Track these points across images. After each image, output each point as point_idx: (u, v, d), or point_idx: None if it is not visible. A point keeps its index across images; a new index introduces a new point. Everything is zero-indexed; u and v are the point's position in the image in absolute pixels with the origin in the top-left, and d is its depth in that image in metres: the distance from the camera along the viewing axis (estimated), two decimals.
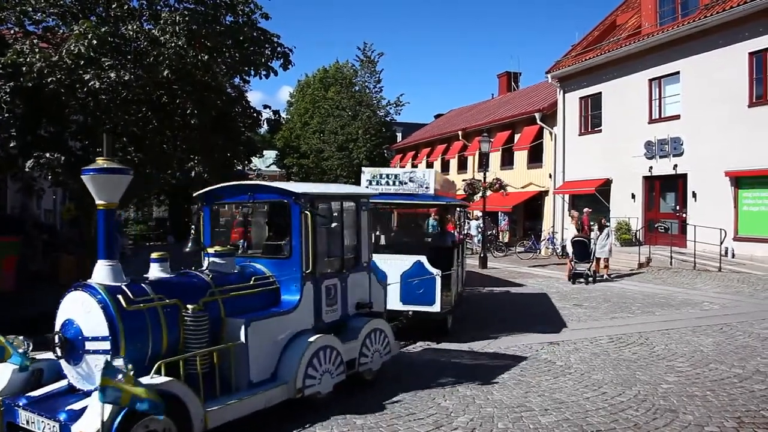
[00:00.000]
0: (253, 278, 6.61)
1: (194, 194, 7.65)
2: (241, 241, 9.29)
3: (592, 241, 17.87)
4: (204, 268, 6.74)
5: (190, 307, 5.76)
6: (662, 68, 22.02)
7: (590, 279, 17.30)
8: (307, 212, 6.56)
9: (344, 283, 7.32)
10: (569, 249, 18.23)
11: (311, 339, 6.45)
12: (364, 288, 7.69)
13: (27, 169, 11.84)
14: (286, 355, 6.34)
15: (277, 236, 7.47)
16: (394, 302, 9.38)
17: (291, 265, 6.71)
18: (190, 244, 6.97)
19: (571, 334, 10.51)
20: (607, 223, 19.34)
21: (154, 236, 36.81)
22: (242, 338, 5.93)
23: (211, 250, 6.76)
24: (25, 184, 14.88)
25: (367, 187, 10.43)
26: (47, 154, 11.38)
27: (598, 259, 18.14)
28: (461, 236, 14.14)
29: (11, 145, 11.26)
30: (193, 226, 7.31)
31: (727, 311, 12.58)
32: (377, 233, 17.04)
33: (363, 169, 11.02)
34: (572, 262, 17.78)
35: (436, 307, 9.78)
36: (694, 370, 8.10)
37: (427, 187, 10.41)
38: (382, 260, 9.00)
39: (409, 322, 9.24)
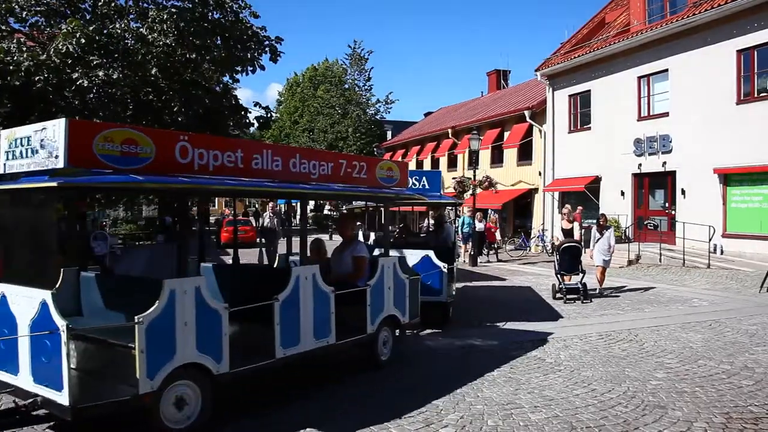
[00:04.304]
0: None
1: None
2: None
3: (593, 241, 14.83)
4: None
5: None
6: (651, 66, 22.13)
7: (584, 296, 13.64)
8: None
9: None
10: (555, 257, 14.52)
11: None
12: None
13: None
14: None
15: None
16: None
17: None
18: None
19: (561, 332, 10.52)
20: (608, 225, 15.32)
21: (144, 236, 36.57)
22: None
23: None
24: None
25: (5, 163, 5.88)
26: None
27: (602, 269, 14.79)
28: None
29: None
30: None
31: (716, 308, 12.64)
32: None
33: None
34: (559, 275, 14.09)
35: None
36: (683, 367, 8.13)
37: (57, 156, 5.18)
38: None
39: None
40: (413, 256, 10.59)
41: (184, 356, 5.48)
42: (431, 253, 10.70)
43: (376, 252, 10.14)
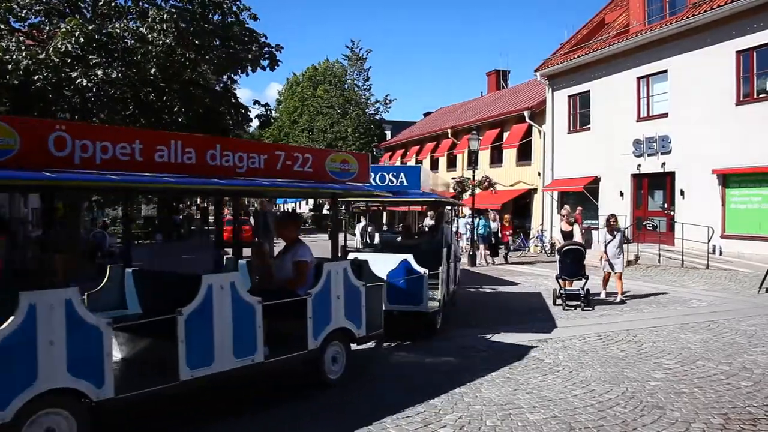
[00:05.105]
0: None
1: None
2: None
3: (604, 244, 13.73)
4: None
5: None
6: (650, 66, 22.13)
7: (585, 303, 12.68)
8: None
9: None
10: (557, 261, 13.39)
11: None
12: None
13: None
14: None
15: None
16: None
17: None
18: None
19: (560, 332, 10.52)
20: (619, 225, 14.44)
21: (142, 235, 36.62)
22: None
23: None
24: None
25: None
26: None
27: (608, 274, 13.86)
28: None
29: None
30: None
31: (715, 308, 12.64)
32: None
33: None
34: (560, 279, 13.09)
35: None
36: (681, 367, 8.13)
37: None
38: None
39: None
40: (390, 261, 9.66)
41: (50, 381, 4.63)
42: (410, 258, 9.75)
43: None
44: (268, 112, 15.76)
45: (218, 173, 6.07)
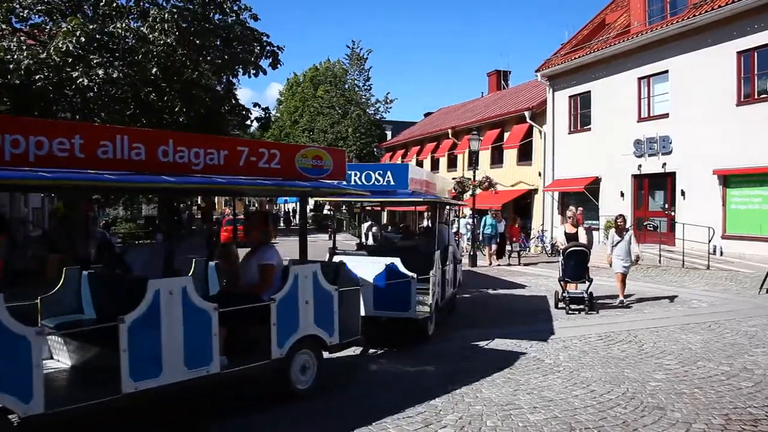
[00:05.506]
0: None
1: None
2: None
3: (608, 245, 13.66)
4: None
5: None
6: (651, 67, 22.12)
7: (589, 307, 12.34)
8: None
9: None
10: (560, 262, 12.95)
11: None
12: None
13: None
14: None
15: None
16: None
17: None
18: None
19: (560, 332, 10.51)
20: (628, 226, 14.13)
21: (143, 235, 36.58)
22: None
23: None
24: None
25: None
26: None
27: (623, 276, 13.28)
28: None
29: None
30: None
31: (716, 309, 12.63)
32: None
33: None
34: (563, 281, 12.75)
35: None
36: (682, 368, 8.13)
37: None
38: None
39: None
40: (377, 264, 9.32)
41: None
42: (397, 261, 9.33)
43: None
44: (267, 115, 15.75)
45: (171, 170, 5.61)
